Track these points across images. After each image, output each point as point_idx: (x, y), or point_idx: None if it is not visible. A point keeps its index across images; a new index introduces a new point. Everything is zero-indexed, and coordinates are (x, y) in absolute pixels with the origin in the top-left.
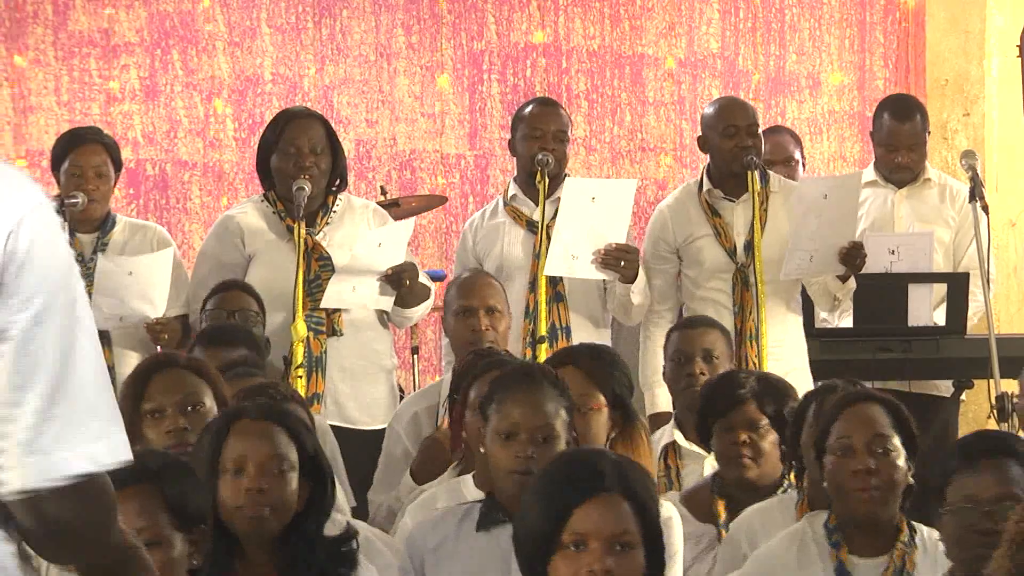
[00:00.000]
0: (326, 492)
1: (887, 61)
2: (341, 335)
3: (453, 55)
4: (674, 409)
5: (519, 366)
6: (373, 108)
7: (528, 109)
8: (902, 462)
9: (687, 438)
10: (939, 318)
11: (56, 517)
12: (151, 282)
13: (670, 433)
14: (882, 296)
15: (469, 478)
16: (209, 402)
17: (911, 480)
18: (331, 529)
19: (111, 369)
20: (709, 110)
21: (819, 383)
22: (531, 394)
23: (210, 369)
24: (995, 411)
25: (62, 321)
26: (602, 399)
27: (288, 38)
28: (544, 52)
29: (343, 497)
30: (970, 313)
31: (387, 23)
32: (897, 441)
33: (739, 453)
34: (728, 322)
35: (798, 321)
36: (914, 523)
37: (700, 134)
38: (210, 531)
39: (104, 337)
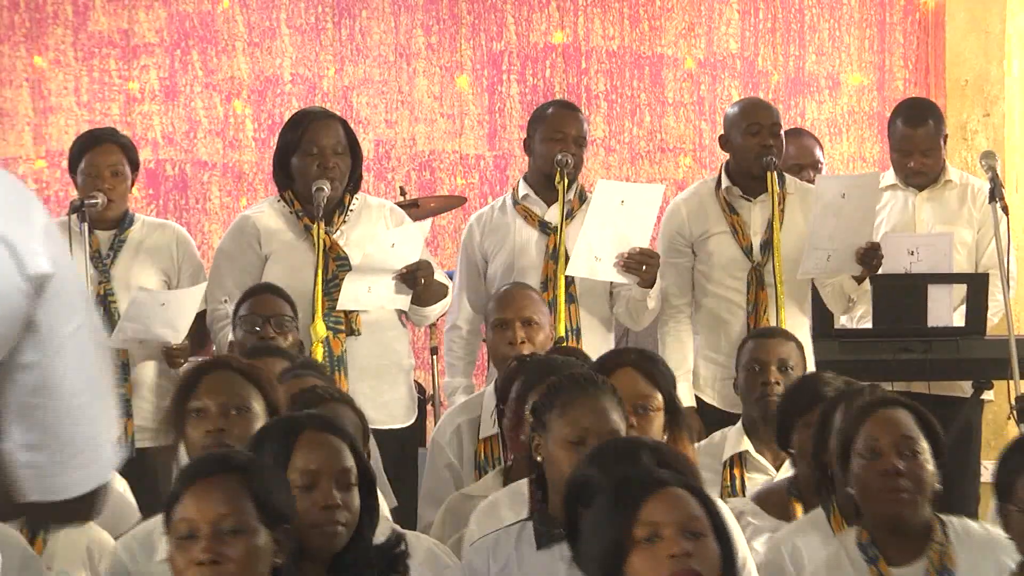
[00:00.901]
0: (376, 500)
1: (907, 61)
2: (359, 335)
3: (472, 56)
4: (743, 418)
5: (577, 373)
6: (393, 108)
7: (550, 111)
8: (931, 464)
9: (756, 448)
10: (959, 319)
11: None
12: (180, 312)
13: (737, 442)
14: (902, 297)
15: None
16: (258, 407)
17: (938, 485)
18: (377, 536)
19: (126, 366)
20: (733, 109)
21: (840, 391)
22: (598, 401)
23: (264, 375)
24: (1015, 412)
25: (92, 330)
26: (661, 400)
27: (308, 38)
28: (563, 53)
29: (382, 498)
30: (990, 314)
31: (407, 24)
32: (925, 444)
33: None
34: (741, 320)
35: (807, 324)
36: (942, 517)
37: (722, 133)
38: (294, 531)
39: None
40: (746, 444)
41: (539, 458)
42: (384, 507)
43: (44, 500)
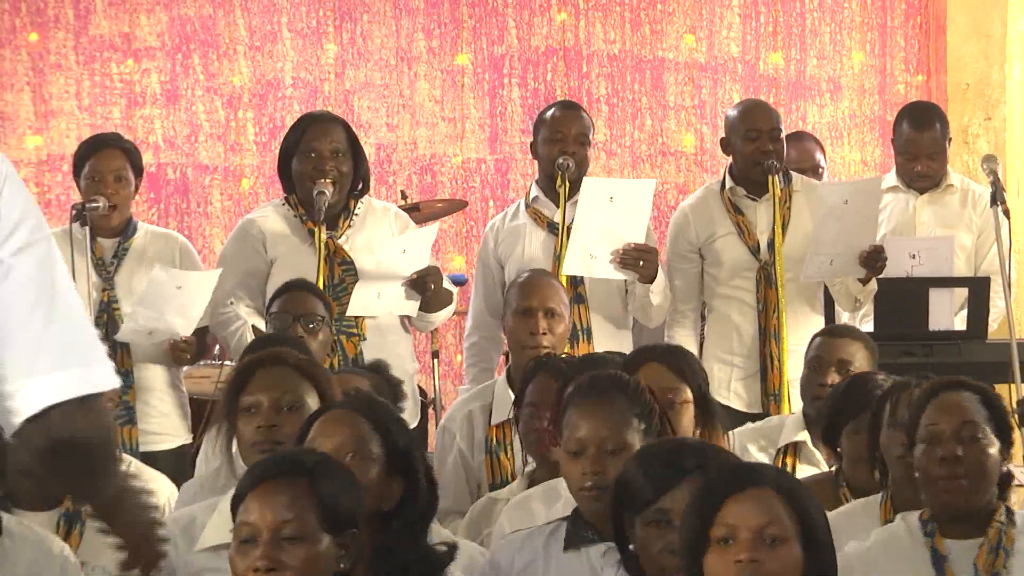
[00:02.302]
0: (418, 489)
1: (908, 65)
2: (364, 339)
3: (474, 59)
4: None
5: (589, 379)
6: (394, 112)
7: (550, 112)
8: (994, 449)
9: (813, 441)
10: (960, 323)
11: (66, 435)
12: (194, 299)
13: (795, 431)
14: (903, 300)
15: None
16: (312, 403)
17: (1006, 468)
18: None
19: (129, 373)
20: (733, 112)
21: (892, 382)
22: (597, 407)
23: (319, 370)
24: (1016, 416)
25: (45, 253)
26: (689, 393)
27: (309, 43)
28: (564, 56)
29: None
30: (991, 318)
31: (408, 27)
32: (988, 428)
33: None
34: (751, 320)
35: (819, 322)
36: (1009, 507)
37: (723, 136)
38: (362, 537)
39: (124, 345)
40: (804, 435)
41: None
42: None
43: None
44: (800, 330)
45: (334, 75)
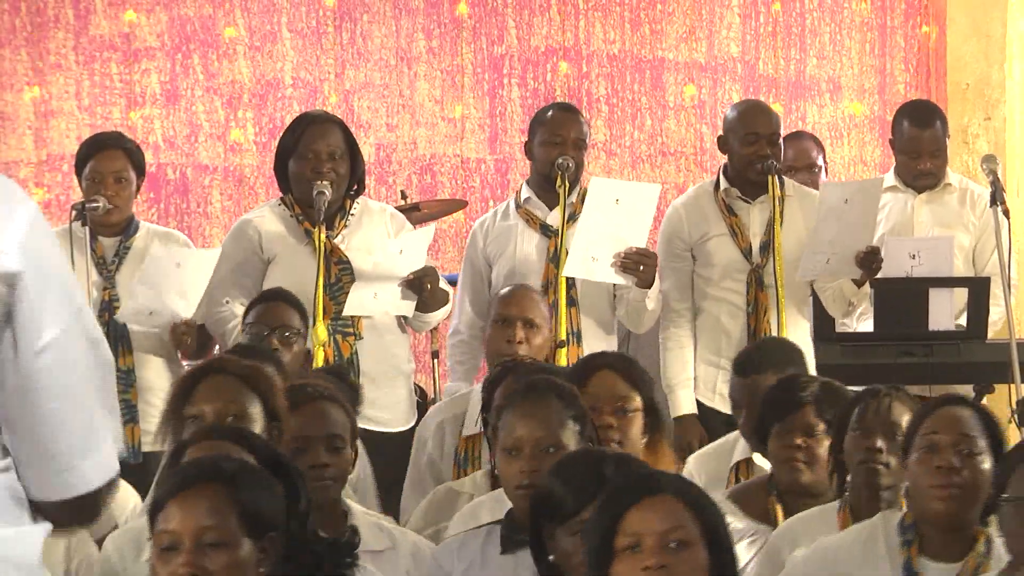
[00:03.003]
0: (297, 491)
1: (908, 65)
2: (361, 339)
3: (473, 59)
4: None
5: (523, 381)
6: (393, 112)
7: (549, 114)
8: (987, 466)
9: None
10: (960, 323)
11: (83, 517)
12: (193, 279)
13: (745, 449)
14: (903, 300)
15: None
16: (256, 413)
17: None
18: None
19: (131, 372)
20: (732, 113)
21: (861, 388)
22: (534, 407)
23: (263, 378)
24: (1016, 416)
25: (86, 328)
26: (640, 401)
27: (308, 43)
28: (564, 56)
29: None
30: (991, 318)
31: (407, 28)
32: (984, 445)
33: (793, 457)
34: (741, 322)
35: (807, 326)
36: (992, 536)
37: (721, 134)
38: (281, 540)
39: (125, 341)
40: (757, 457)
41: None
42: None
43: (37, 499)
44: (790, 334)
45: (334, 75)
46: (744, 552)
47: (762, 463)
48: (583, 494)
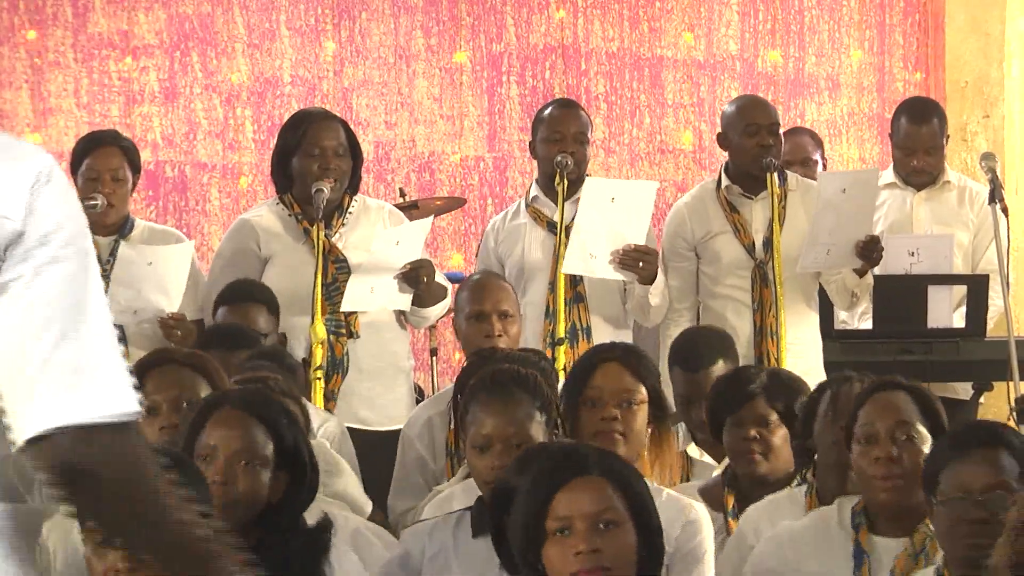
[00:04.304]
0: (303, 485)
1: (907, 63)
2: (358, 337)
3: (472, 57)
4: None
5: (490, 373)
6: (392, 110)
7: (548, 111)
8: (927, 448)
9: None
10: (959, 320)
11: (70, 464)
12: (169, 274)
13: (681, 442)
14: (902, 298)
15: None
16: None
17: None
18: (311, 520)
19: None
20: (730, 108)
21: (832, 376)
22: (502, 403)
23: (210, 364)
24: (1014, 413)
25: (76, 269)
26: (645, 392)
27: (307, 40)
28: (563, 54)
29: (363, 500)
30: (989, 315)
31: (406, 25)
32: (922, 428)
33: (749, 449)
34: (747, 319)
35: (815, 320)
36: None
37: (720, 131)
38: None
39: (120, 335)
40: (691, 447)
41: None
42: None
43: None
44: (797, 328)
45: (332, 73)
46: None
47: (695, 454)
48: None
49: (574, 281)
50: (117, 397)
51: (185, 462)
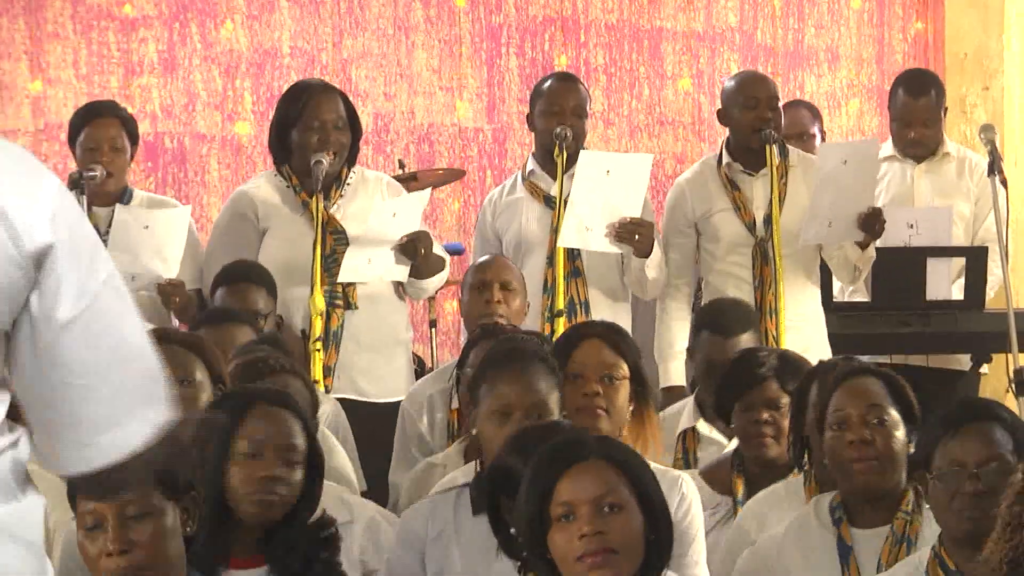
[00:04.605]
0: (319, 484)
1: (906, 35)
2: (356, 309)
3: (471, 28)
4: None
5: (506, 345)
6: (391, 82)
7: (547, 84)
8: (900, 432)
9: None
10: (957, 292)
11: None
12: (167, 239)
13: (690, 418)
14: (900, 270)
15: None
16: (202, 377)
17: (910, 451)
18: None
19: None
20: (730, 83)
21: (817, 363)
22: (523, 372)
23: (205, 344)
24: (1013, 385)
25: (113, 301)
26: (627, 369)
27: (306, 11)
28: (562, 25)
29: (354, 477)
30: (988, 287)
31: None
32: (894, 412)
33: (760, 432)
34: (748, 296)
35: (817, 294)
36: (919, 487)
37: (720, 107)
38: (201, 497)
39: None
40: (701, 422)
41: (475, 431)
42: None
43: (58, 473)
44: (798, 305)
45: (331, 44)
46: (708, 520)
47: (704, 430)
48: None
49: (572, 255)
50: (165, 410)
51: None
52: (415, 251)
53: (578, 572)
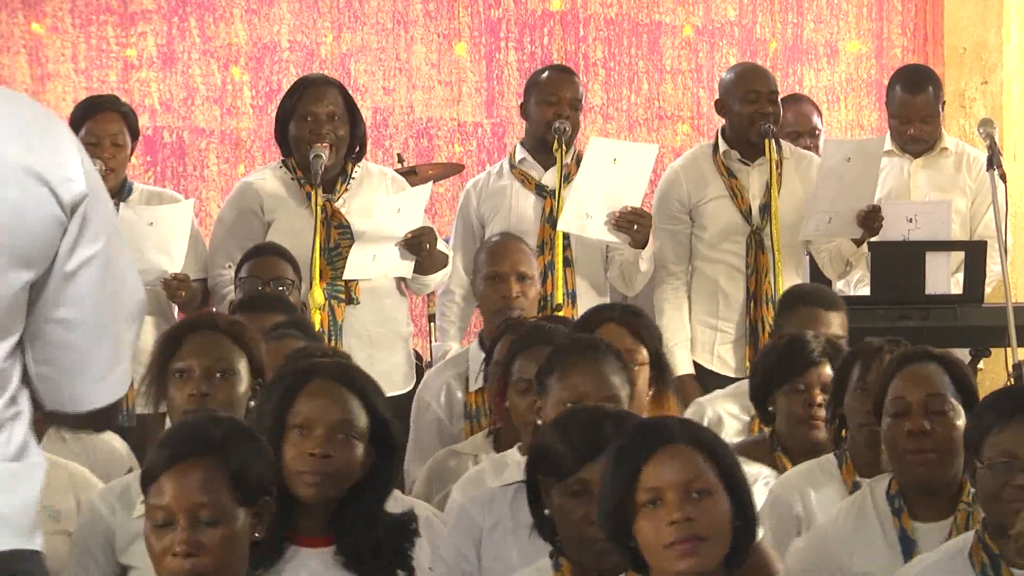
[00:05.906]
0: (392, 463)
1: (905, 29)
2: (358, 303)
3: (470, 23)
4: None
5: (581, 338)
6: (390, 76)
7: (544, 75)
8: (960, 422)
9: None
10: (956, 286)
11: (99, 424)
12: (171, 234)
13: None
14: (900, 264)
15: (515, 451)
16: (242, 369)
17: None
18: (394, 507)
19: None
20: (729, 75)
21: (859, 343)
22: (597, 365)
23: (249, 334)
24: (1012, 380)
25: (118, 254)
26: (646, 354)
27: (305, 5)
28: (561, 20)
29: None
30: (986, 281)
31: None
32: (955, 401)
33: (813, 415)
34: (741, 285)
35: None
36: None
37: (719, 98)
38: (274, 501)
39: None
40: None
41: (539, 421)
42: None
43: (72, 411)
44: None
45: (331, 38)
46: (759, 494)
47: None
48: (583, 453)
49: (564, 245)
50: (127, 378)
51: (247, 432)
52: (420, 247)
53: (666, 560)
